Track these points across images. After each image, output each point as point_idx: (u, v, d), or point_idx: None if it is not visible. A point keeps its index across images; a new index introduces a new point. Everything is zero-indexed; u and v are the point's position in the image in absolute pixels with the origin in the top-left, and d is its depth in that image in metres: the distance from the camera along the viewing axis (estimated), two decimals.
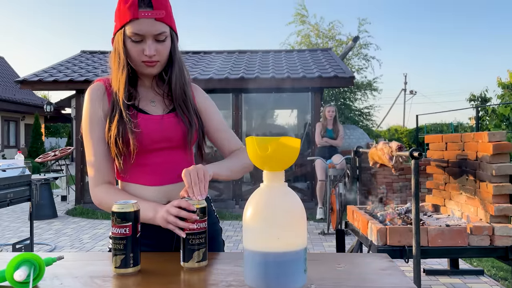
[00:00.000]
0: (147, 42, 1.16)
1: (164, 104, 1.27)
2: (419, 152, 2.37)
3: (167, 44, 1.20)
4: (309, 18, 16.90)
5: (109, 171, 1.24)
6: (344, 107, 15.04)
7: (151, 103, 1.27)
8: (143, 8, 1.14)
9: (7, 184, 3.36)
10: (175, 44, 1.24)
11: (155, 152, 1.23)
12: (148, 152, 1.23)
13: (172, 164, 1.25)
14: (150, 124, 1.22)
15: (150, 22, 1.15)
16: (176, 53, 1.25)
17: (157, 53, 1.18)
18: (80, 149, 7.28)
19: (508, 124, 9.62)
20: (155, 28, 1.15)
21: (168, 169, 1.24)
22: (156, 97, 1.28)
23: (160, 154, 1.24)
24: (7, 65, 22.66)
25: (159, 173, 1.24)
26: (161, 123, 1.23)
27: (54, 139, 26.58)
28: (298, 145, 0.84)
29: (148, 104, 1.26)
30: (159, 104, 1.27)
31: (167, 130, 1.23)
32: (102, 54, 9.47)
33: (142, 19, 1.14)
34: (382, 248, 2.42)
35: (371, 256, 1.13)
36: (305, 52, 9.75)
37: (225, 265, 1.05)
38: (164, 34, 1.18)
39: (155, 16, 1.14)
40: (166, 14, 1.17)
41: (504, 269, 3.67)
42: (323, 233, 5.29)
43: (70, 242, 4.98)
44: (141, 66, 1.21)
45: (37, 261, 0.90)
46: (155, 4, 1.15)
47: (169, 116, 1.25)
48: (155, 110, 1.26)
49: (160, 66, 1.23)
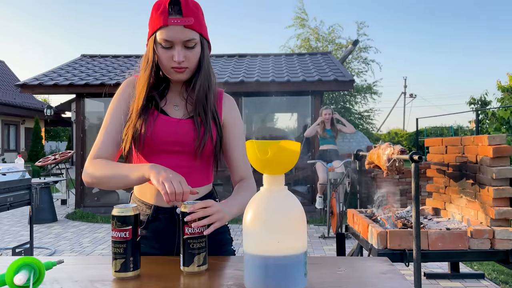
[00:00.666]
0: (176, 49, 1.19)
1: (186, 109, 1.29)
2: (419, 155, 2.37)
3: (196, 51, 1.21)
4: (309, 21, 16.94)
5: (112, 154, 1.25)
6: (344, 111, 15.04)
7: (174, 107, 1.30)
8: (173, 16, 1.17)
9: (7, 188, 3.36)
10: (205, 51, 1.25)
11: (166, 154, 1.25)
12: (159, 153, 1.25)
13: (181, 168, 1.25)
14: (165, 125, 1.24)
15: (179, 29, 1.17)
16: (205, 59, 1.26)
17: (186, 59, 1.20)
18: (80, 153, 7.28)
19: (508, 128, 9.62)
20: (184, 35, 1.17)
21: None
22: (181, 102, 1.30)
23: (171, 157, 1.25)
24: (7, 69, 22.70)
25: None
26: (176, 126, 1.25)
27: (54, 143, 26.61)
28: (298, 149, 0.84)
29: (172, 108, 1.29)
30: (181, 109, 1.30)
31: (180, 134, 1.24)
32: (102, 58, 9.49)
33: (171, 26, 1.17)
34: (383, 252, 2.42)
35: (371, 259, 1.13)
36: (305, 55, 9.77)
37: (225, 269, 1.05)
38: (193, 41, 1.19)
39: (184, 23, 1.17)
40: (196, 21, 1.18)
41: (505, 273, 3.66)
42: (323, 236, 5.28)
43: (70, 246, 4.97)
44: (171, 72, 1.23)
45: (37, 265, 0.90)
46: (185, 12, 1.17)
47: (186, 121, 1.26)
48: (175, 114, 1.28)
49: (189, 72, 1.24)
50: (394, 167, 2.77)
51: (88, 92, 7.23)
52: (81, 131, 7.32)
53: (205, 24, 1.25)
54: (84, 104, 7.41)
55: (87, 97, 7.44)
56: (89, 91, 7.18)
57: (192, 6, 1.19)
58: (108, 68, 8.32)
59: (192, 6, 1.19)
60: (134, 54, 9.65)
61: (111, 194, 7.75)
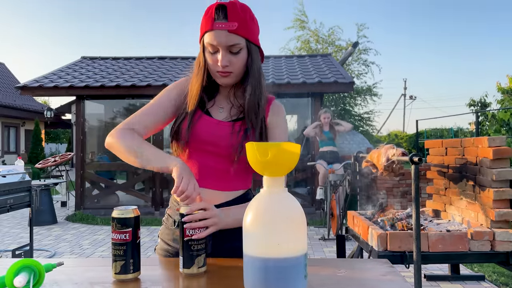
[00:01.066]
0: (221, 53, 1.19)
1: (230, 112, 1.29)
2: (419, 157, 2.37)
3: (241, 56, 1.21)
4: (308, 23, 16.97)
5: (143, 129, 1.27)
6: (344, 112, 15.06)
7: (219, 109, 1.31)
8: (218, 20, 1.17)
9: (7, 190, 3.36)
10: (253, 56, 1.24)
11: (203, 153, 1.26)
12: (198, 151, 1.26)
13: (214, 170, 1.26)
14: (204, 125, 1.26)
15: (224, 34, 1.17)
16: (254, 65, 1.25)
17: (230, 64, 1.20)
18: (80, 155, 7.28)
19: (508, 129, 9.62)
20: (227, 39, 1.17)
21: (209, 174, 1.26)
22: (227, 105, 1.31)
23: (207, 157, 1.26)
24: (7, 71, 22.72)
25: (197, 174, 1.26)
26: (215, 128, 1.26)
27: (54, 145, 26.60)
28: (298, 151, 0.84)
29: (216, 110, 1.31)
30: (225, 112, 1.30)
31: (217, 136, 1.25)
32: (102, 60, 9.50)
33: (216, 31, 1.17)
34: (383, 254, 2.41)
35: (371, 261, 1.13)
36: (305, 57, 9.78)
37: (225, 271, 1.05)
38: (238, 46, 1.19)
39: (228, 28, 1.16)
40: (241, 26, 1.17)
41: (506, 275, 3.66)
42: (324, 238, 5.28)
43: (70, 248, 4.97)
44: (216, 76, 1.24)
45: (37, 267, 0.90)
46: (230, 16, 1.17)
47: (226, 124, 1.27)
48: (218, 116, 1.29)
49: (234, 77, 1.24)
50: (391, 169, 2.77)
51: (88, 94, 7.24)
52: (81, 133, 7.32)
53: (254, 29, 1.24)
54: (84, 106, 7.42)
55: (87, 99, 7.44)
56: (89, 93, 7.19)
57: (240, 10, 1.18)
58: (108, 70, 8.32)
59: (240, 11, 1.18)
60: (134, 56, 9.66)
61: (111, 196, 7.75)
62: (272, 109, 1.33)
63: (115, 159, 8.76)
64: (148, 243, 5.21)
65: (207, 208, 1.09)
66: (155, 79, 7.38)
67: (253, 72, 1.25)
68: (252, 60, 1.24)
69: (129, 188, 7.70)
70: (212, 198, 1.23)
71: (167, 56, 9.67)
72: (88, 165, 7.46)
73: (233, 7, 1.17)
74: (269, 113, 1.32)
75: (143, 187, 8.26)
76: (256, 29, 1.25)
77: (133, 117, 1.28)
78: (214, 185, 1.25)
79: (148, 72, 8.03)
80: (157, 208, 7.15)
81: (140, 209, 6.23)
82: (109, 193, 7.80)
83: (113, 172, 8.58)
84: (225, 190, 1.26)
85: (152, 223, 6.45)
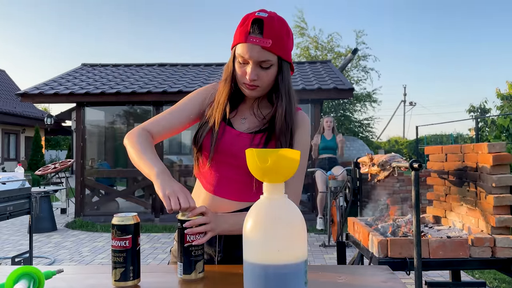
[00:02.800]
0: (251, 66, 1.18)
1: (251, 124, 1.28)
2: (419, 163, 2.37)
3: (271, 72, 1.20)
4: (308, 30, 17.04)
5: (159, 132, 1.29)
6: (343, 119, 15.08)
7: (241, 120, 1.30)
8: (253, 35, 1.16)
9: (7, 197, 3.35)
10: (284, 73, 1.22)
11: (223, 164, 1.25)
12: (219, 162, 1.26)
13: (233, 181, 1.25)
14: (226, 137, 1.25)
15: (256, 49, 1.16)
16: (284, 81, 1.23)
17: (258, 78, 1.19)
18: (80, 162, 7.28)
19: (508, 135, 9.63)
20: (259, 55, 1.16)
21: (228, 184, 1.25)
22: (250, 116, 1.30)
23: (227, 168, 1.25)
24: (7, 78, 22.78)
25: (216, 184, 1.26)
26: (235, 139, 1.25)
27: (54, 152, 26.60)
28: (298, 157, 0.84)
29: (239, 120, 1.30)
30: (247, 123, 1.29)
31: (237, 148, 1.24)
32: (103, 67, 9.53)
33: (249, 44, 1.16)
34: (383, 260, 2.41)
35: (372, 268, 1.13)
36: (305, 64, 9.81)
37: (224, 277, 1.05)
38: (269, 62, 1.18)
39: (262, 44, 1.15)
40: (275, 43, 1.16)
41: (507, 281, 3.65)
42: (324, 245, 5.26)
43: (69, 255, 4.95)
44: (243, 87, 1.24)
45: (37, 274, 0.90)
46: (266, 32, 1.15)
47: (246, 136, 1.26)
48: (240, 127, 1.28)
49: (260, 91, 1.24)
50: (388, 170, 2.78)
51: (88, 101, 7.25)
52: (81, 140, 7.33)
53: (288, 45, 1.22)
54: (85, 113, 7.43)
55: (87, 106, 7.45)
56: (89, 100, 7.20)
57: (277, 26, 1.17)
58: (108, 77, 8.34)
59: (277, 27, 1.17)
60: (134, 63, 9.69)
61: (111, 203, 7.73)
62: (296, 121, 1.29)
63: (115, 165, 8.77)
64: (148, 250, 5.19)
65: (204, 212, 1.09)
66: (155, 86, 7.39)
67: (284, 90, 1.24)
68: (283, 78, 1.23)
69: (129, 195, 7.69)
70: (227, 207, 1.23)
71: (168, 63, 9.70)
72: (88, 172, 7.46)
73: (270, 23, 1.16)
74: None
75: (143, 194, 8.25)
76: (290, 45, 1.24)
77: (150, 121, 1.30)
78: (232, 195, 1.25)
79: (148, 79, 8.05)
80: (157, 215, 7.14)
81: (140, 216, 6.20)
82: (109, 200, 7.79)
83: (113, 179, 8.57)
84: (242, 201, 1.25)
85: (152, 230, 6.43)
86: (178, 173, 7.65)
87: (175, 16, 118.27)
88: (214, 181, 1.26)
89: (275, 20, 1.17)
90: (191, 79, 8.04)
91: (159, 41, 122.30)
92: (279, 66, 1.21)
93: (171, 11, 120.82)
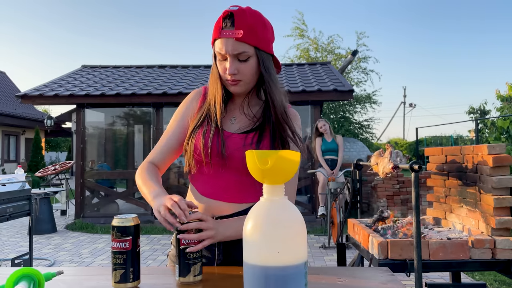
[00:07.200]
0: (229, 61, 1.18)
1: (242, 124, 1.27)
2: (419, 165, 2.37)
3: (250, 64, 1.19)
4: (308, 32, 17.05)
5: (162, 159, 1.33)
6: (343, 120, 15.07)
7: (230, 120, 1.28)
8: (225, 28, 1.16)
9: (7, 199, 3.35)
10: (265, 63, 1.20)
11: (216, 166, 1.23)
12: (211, 165, 1.23)
13: (227, 183, 1.23)
14: (216, 138, 1.22)
15: (230, 42, 1.15)
16: (268, 72, 1.21)
17: (238, 72, 1.18)
18: (80, 163, 7.28)
19: (508, 137, 9.63)
20: (234, 47, 1.15)
21: (219, 186, 1.23)
22: (240, 116, 1.28)
23: (221, 170, 1.23)
24: (8, 80, 22.79)
25: (210, 186, 1.24)
26: (226, 141, 1.23)
27: (54, 153, 26.59)
28: (298, 159, 0.84)
29: (228, 121, 1.28)
30: (237, 123, 1.27)
31: (228, 149, 1.21)
32: (103, 69, 9.53)
33: (223, 39, 1.16)
34: (383, 262, 2.40)
35: (372, 270, 1.13)
36: (305, 65, 9.81)
37: (222, 280, 1.05)
38: (246, 54, 1.17)
39: (233, 36, 1.14)
40: (248, 34, 1.15)
41: (507, 283, 3.64)
42: (324, 247, 5.26)
43: (69, 257, 4.95)
44: (227, 84, 1.23)
45: (37, 276, 0.90)
46: (237, 24, 1.15)
47: (238, 136, 1.24)
48: (230, 127, 1.26)
49: (244, 85, 1.22)
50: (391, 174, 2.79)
51: (88, 102, 7.25)
52: (81, 142, 7.33)
53: (265, 36, 1.20)
54: (85, 115, 7.43)
55: (87, 108, 7.45)
56: (89, 101, 7.20)
57: (249, 18, 1.16)
58: (108, 79, 8.35)
59: (249, 18, 1.16)
60: (134, 65, 9.70)
61: (111, 205, 7.73)
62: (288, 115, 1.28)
63: (115, 167, 8.77)
64: (147, 251, 5.19)
65: (204, 219, 1.08)
66: (156, 87, 7.40)
67: (268, 78, 1.21)
68: (265, 68, 1.20)
69: (129, 197, 7.69)
70: (224, 209, 1.21)
71: (168, 65, 9.71)
72: (88, 174, 7.46)
73: (241, 15, 1.16)
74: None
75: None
76: (268, 36, 1.22)
77: (152, 154, 1.34)
78: (229, 197, 1.23)
79: (148, 81, 8.06)
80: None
81: (140, 217, 6.22)
82: (109, 202, 7.78)
83: (113, 181, 8.57)
84: (239, 202, 1.23)
85: (152, 232, 6.43)
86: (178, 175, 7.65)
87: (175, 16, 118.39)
88: (208, 184, 1.25)
89: (246, 12, 1.17)
90: (191, 81, 8.04)
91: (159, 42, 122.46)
92: (258, 57, 1.19)
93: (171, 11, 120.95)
